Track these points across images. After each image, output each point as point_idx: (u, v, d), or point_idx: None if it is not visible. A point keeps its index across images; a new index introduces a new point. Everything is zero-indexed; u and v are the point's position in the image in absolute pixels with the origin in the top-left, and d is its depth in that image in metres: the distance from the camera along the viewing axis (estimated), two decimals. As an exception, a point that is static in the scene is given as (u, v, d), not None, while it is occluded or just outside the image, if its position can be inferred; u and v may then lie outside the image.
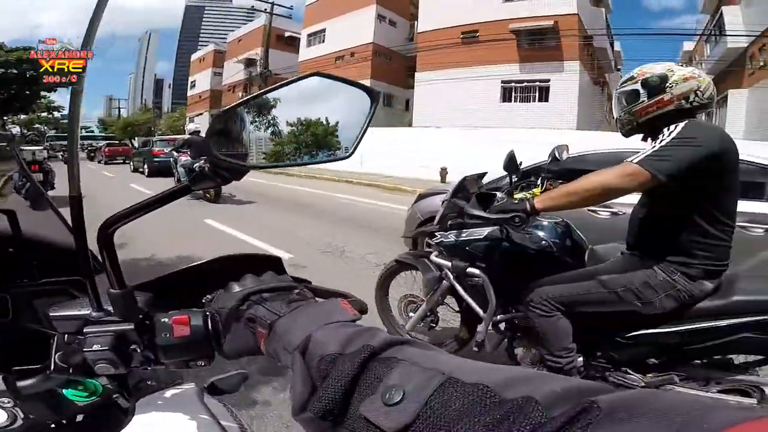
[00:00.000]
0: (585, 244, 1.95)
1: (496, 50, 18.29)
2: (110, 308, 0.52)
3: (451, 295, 2.14)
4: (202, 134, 9.70)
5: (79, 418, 0.67)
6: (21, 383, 0.58)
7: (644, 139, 1.64)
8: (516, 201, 1.65)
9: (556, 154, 2.15)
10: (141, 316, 0.52)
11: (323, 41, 27.70)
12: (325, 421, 0.31)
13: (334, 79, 0.49)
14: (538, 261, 1.84)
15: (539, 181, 2.26)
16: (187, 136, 9.73)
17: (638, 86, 1.58)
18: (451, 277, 2.01)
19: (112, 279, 0.50)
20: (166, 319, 0.52)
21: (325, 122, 0.51)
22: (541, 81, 18.20)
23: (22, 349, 0.73)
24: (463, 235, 1.95)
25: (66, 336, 0.56)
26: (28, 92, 33.33)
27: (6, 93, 32.73)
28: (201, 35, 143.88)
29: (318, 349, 0.36)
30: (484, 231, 1.89)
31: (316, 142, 0.51)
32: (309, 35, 29.19)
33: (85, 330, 0.51)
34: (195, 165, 8.61)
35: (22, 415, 0.62)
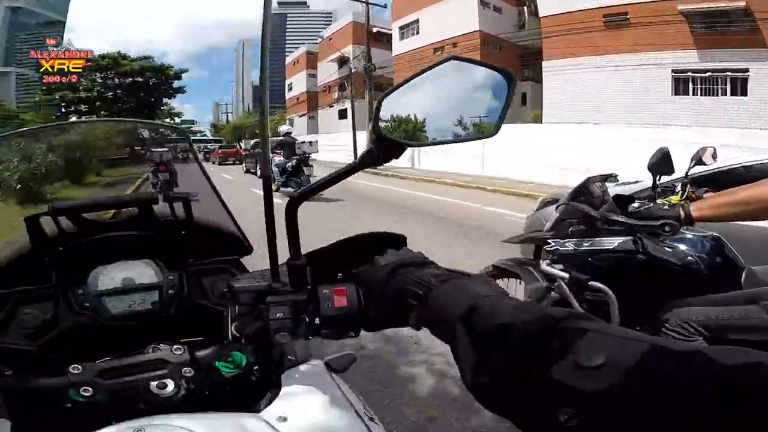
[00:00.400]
0: (741, 263, 1.64)
1: (658, 35, 15.02)
2: (284, 280, 0.56)
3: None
4: (293, 136, 10.20)
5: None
6: (200, 353, 0.64)
7: None
8: (665, 207, 1.40)
9: (701, 157, 1.84)
10: (309, 287, 0.56)
11: (417, 33, 26.64)
12: (501, 385, 0.34)
13: (470, 62, 0.53)
14: (681, 279, 1.57)
15: (679, 187, 1.94)
16: (280, 138, 10.52)
17: None
18: (566, 289, 1.80)
19: (293, 251, 0.54)
20: (327, 291, 0.55)
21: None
22: (734, 71, 14.22)
23: (189, 323, 0.82)
24: (586, 244, 1.73)
25: (239, 307, 0.60)
26: (152, 99, 38.08)
27: (135, 101, 37.40)
28: (287, 41, 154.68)
29: (485, 318, 0.37)
30: (615, 241, 1.66)
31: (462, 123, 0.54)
32: (401, 28, 27.84)
33: (268, 299, 0.55)
34: (287, 165, 9.48)
35: (185, 385, 0.66)
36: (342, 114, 32.63)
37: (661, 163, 1.67)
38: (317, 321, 0.55)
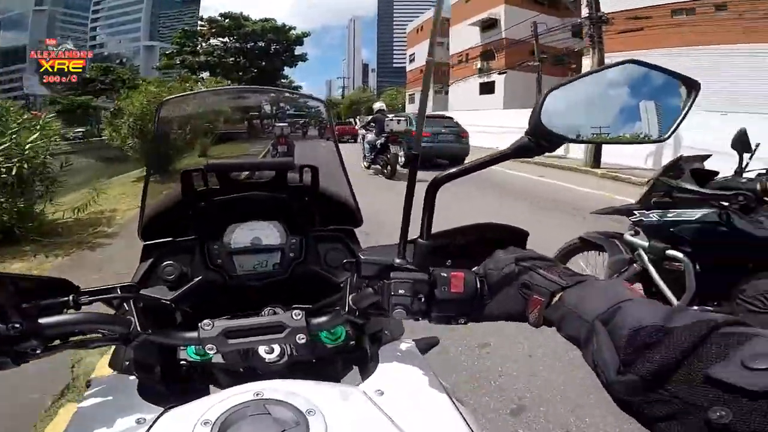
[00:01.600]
0: None
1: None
2: (408, 257, 0.56)
3: (639, 281, 2.02)
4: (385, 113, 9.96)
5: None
6: (316, 320, 0.63)
7: None
8: (744, 180, 1.48)
9: None
10: (430, 268, 0.55)
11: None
12: (647, 383, 0.34)
13: (648, 66, 0.52)
14: (762, 253, 1.61)
15: None
16: (373, 115, 10.39)
17: None
18: (646, 258, 1.91)
19: (424, 230, 0.55)
20: (445, 274, 0.54)
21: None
22: None
23: (302, 289, 0.85)
24: (670, 215, 1.81)
25: (357, 279, 0.61)
26: (274, 66, 35.60)
27: (256, 69, 34.64)
28: (395, 18, 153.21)
29: (629, 320, 0.38)
30: (697, 212, 1.73)
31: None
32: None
33: (392, 274, 0.55)
34: (377, 142, 9.34)
35: (288, 352, 0.68)
36: (486, 88, 28.05)
37: (740, 141, 1.71)
38: (430, 303, 0.55)
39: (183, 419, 0.48)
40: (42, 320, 0.51)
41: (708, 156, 2.07)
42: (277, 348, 0.68)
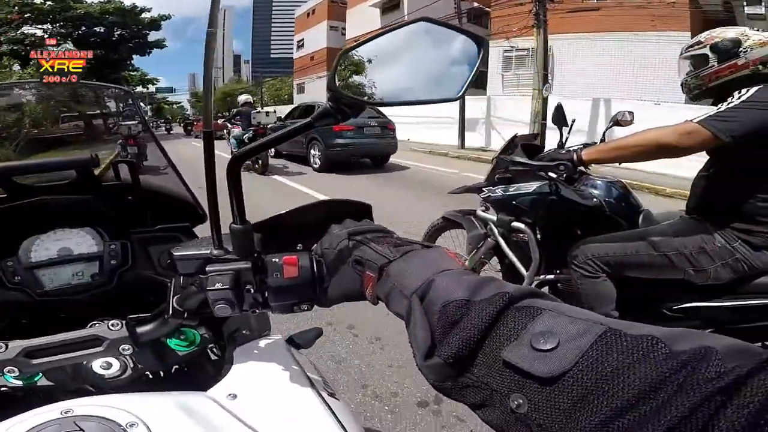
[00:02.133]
0: (640, 207, 1.86)
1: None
2: (228, 247, 0.52)
3: (495, 254, 2.15)
4: (253, 106, 9.39)
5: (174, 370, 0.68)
6: (140, 329, 0.58)
7: (714, 104, 1.55)
8: (563, 152, 1.62)
9: (619, 120, 2.02)
10: (255, 255, 0.51)
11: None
12: (453, 367, 0.31)
13: (441, 25, 0.52)
14: (588, 219, 1.79)
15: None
16: (237, 109, 9.96)
17: (707, 50, 1.53)
18: (496, 232, 2.03)
19: (235, 214, 0.50)
20: (277, 260, 0.51)
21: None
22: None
23: (135, 298, 0.77)
24: (511, 189, 1.95)
25: (182, 278, 0.56)
26: (117, 57, 27.63)
27: (93, 61, 27.44)
28: (273, 10, 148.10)
29: (441, 294, 0.35)
30: (533, 185, 1.88)
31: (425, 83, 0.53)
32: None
33: (207, 268, 0.51)
34: (244, 136, 8.84)
35: (131, 365, 0.63)
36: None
37: (558, 117, 1.91)
38: (265, 293, 0.51)
39: None
40: None
41: (538, 134, 2.27)
42: (115, 362, 0.62)
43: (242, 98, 10.06)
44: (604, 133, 2.03)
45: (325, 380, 0.62)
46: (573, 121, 1.94)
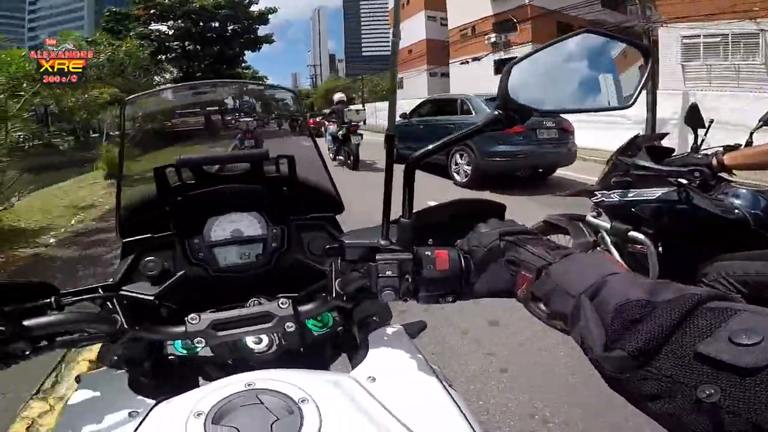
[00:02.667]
0: None
1: None
2: (392, 239, 0.56)
3: None
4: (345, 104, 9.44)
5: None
6: (302, 308, 0.62)
7: None
8: (699, 156, 1.42)
9: None
10: (414, 248, 0.55)
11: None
12: (637, 359, 0.34)
13: (604, 35, 0.53)
14: (726, 233, 1.56)
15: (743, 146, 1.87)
16: (333, 107, 10.18)
17: None
18: (608, 240, 1.87)
19: (406, 209, 0.54)
20: (429, 253, 0.54)
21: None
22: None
23: (287, 279, 0.84)
24: (630, 194, 1.76)
25: (343, 264, 0.61)
26: (231, 51, 28.31)
27: (210, 56, 27.36)
28: (361, 11, 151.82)
29: (615, 294, 0.38)
30: (657, 191, 1.68)
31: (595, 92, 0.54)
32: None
33: (377, 256, 0.55)
34: (338, 133, 9.23)
35: (277, 342, 0.68)
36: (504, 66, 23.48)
37: (693, 118, 1.66)
38: (417, 283, 0.54)
39: (175, 411, 0.49)
40: (26, 322, 0.51)
41: (665, 134, 2.03)
42: (265, 338, 0.67)
43: (337, 96, 10.46)
44: (751, 134, 1.76)
45: (439, 370, 0.63)
46: (711, 121, 1.70)
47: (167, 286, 0.80)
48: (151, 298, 0.77)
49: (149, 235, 0.85)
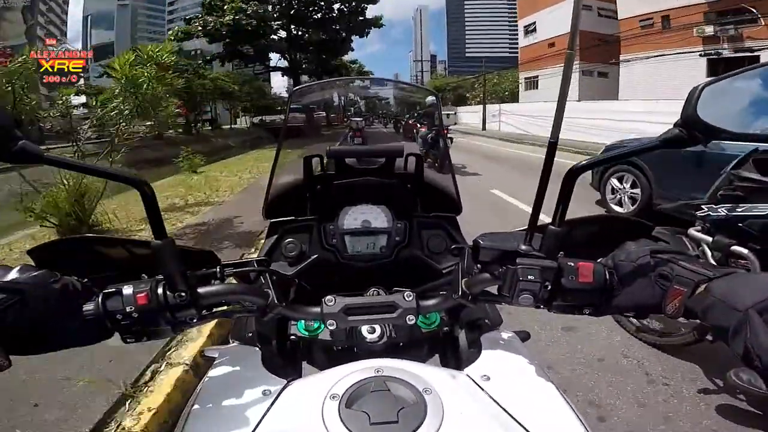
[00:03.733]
0: None
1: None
2: (533, 245, 0.55)
3: None
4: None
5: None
6: (425, 303, 0.62)
7: None
8: None
9: None
10: (558, 257, 0.54)
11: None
12: None
13: None
14: None
15: None
16: (425, 109, 9.51)
17: None
18: (709, 255, 1.85)
19: (557, 217, 0.53)
20: (572, 264, 0.53)
21: None
22: None
23: (405, 272, 0.85)
24: (739, 209, 1.73)
25: (470, 264, 0.61)
26: (337, 37, 24.82)
27: (315, 40, 24.02)
28: (465, 9, 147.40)
29: None
30: None
31: None
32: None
33: (519, 261, 0.54)
34: (428, 136, 8.84)
35: (388, 333, 0.70)
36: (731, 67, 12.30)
37: None
38: (555, 291, 0.53)
39: (310, 392, 0.50)
40: (200, 290, 0.53)
41: None
42: (378, 329, 0.69)
43: (429, 99, 10.24)
44: None
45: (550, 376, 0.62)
46: None
47: (303, 267, 0.83)
48: (290, 276, 0.81)
49: (293, 218, 0.90)
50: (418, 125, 10.01)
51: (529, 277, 0.53)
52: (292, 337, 0.73)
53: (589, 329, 2.45)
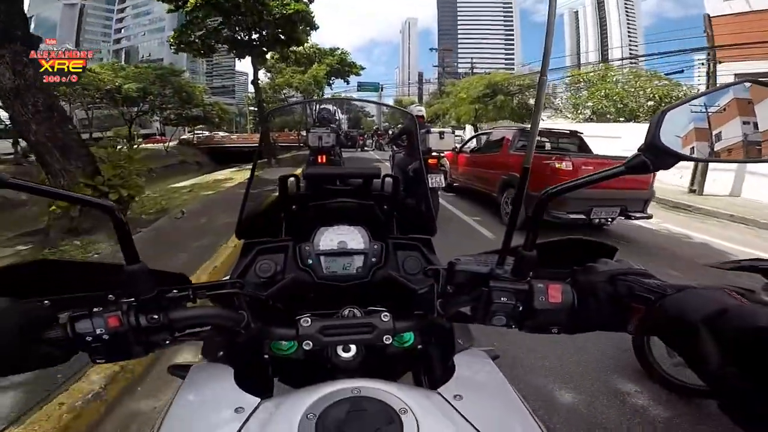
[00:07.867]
0: None
1: None
2: (506, 267, 0.57)
3: None
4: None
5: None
6: (399, 324, 0.64)
7: None
8: None
9: None
10: (528, 280, 0.56)
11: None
12: (755, 388, 0.37)
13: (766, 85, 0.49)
14: None
15: None
16: (404, 125, 7.09)
17: None
18: None
19: (529, 241, 0.54)
20: (542, 285, 0.55)
21: None
22: None
23: (380, 293, 0.85)
24: None
25: (444, 286, 0.62)
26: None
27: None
28: (459, 24, 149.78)
29: (740, 323, 0.40)
30: None
31: None
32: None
33: (491, 284, 0.56)
34: (409, 168, 4.37)
35: (363, 352, 0.69)
36: None
37: None
38: (525, 313, 0.55)
39: (286, 411, 0.50)
40: (174, 314, 0.54)
41: None
42: (353, 347, 0.68)
43: (415, 110, 6.85)
44: None
45: (522, 396, 0.62)
46: None
47: (277, 288, 0.82)
48: (264, 297, 0.79)
49: (268, 239, 0.89)
50: (394, 148, 6.86)
51: (501, 299, 0.55)
52: (265, 356, 0.74)
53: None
